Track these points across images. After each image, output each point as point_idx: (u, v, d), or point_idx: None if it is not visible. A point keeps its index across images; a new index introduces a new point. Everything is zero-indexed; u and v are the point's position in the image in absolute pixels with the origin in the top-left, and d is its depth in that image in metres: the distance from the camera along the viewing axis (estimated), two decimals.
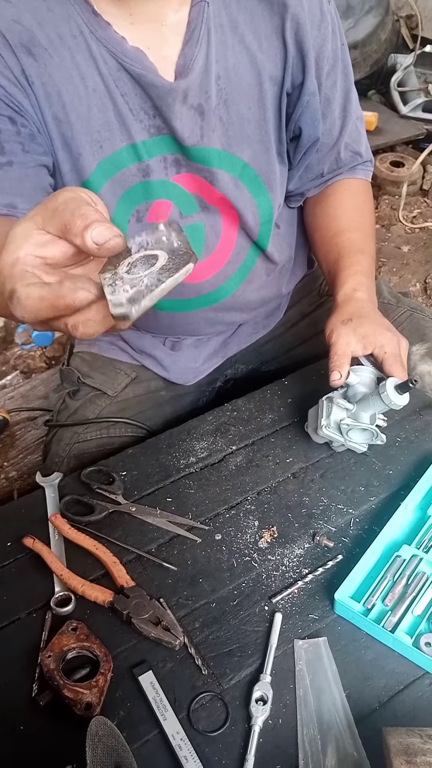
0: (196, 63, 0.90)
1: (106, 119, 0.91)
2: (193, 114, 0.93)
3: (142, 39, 0.89)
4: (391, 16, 3.20)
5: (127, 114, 0.92)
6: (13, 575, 0.84)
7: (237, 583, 0.82)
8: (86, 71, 0.89)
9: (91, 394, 1.17)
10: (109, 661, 0.73)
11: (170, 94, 0.90)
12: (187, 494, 0.93)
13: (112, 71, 0.89)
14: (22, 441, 1.57)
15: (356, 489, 0.93)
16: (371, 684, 0.73)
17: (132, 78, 0.89)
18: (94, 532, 0.87)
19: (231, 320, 1.19)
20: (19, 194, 0.89)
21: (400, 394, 0.87)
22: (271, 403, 1.08)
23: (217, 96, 0.93)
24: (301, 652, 0.75)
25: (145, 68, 0.89)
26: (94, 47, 0.88)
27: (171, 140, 0.94)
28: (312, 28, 0.94)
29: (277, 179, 1.05)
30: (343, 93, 1.04)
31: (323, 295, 1.30)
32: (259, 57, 0.93)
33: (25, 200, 0.89)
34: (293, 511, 0.91)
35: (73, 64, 0.88)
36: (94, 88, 0.90)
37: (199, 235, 1.04)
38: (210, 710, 0.71)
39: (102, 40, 0.88)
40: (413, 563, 0.82)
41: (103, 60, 0.88)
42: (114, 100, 0.91)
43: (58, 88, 0.88)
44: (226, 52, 0.92)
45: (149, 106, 0.92)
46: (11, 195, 0.88)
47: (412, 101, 3.21)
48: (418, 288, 2.60)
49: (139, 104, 0.91)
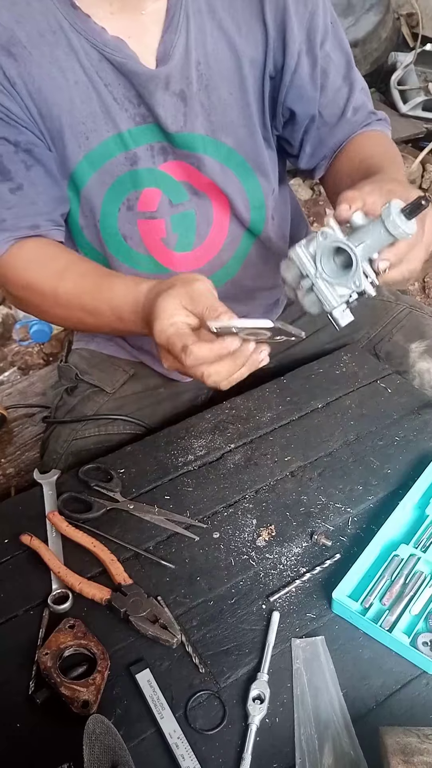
0: (176, 49, 0.91)
1: (91, 110, 0.93)
2: (176, 100, 0.93)
3: (123, 29, 0.90)
4: (391, 15, 3.19)
5: (111, 104, 0.93)
6: (11, 572, 0.84)
7: (234, 582, 0.82)
8: (67, 65, 0.90)
9: (89, 391, 1.17)
10: (106, 659, 0.73)
11: (152, 81, 0.91)
12: (185, 492, 0.93)
13: (93, 62, 0.90)
14: (20, 438, 1.57)
15: (354, 488, 0.93)
16: (368, 683, 0.73)
17: (114, 67, 0.91)
18: (92, 530, 0.87)
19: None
20: (37, 214, 0.96)
21: (408, 219, 0.70)
22: (270, 402, 1.08)
23: (197, 81, 0.94)
24: (299, 650, 0.75)
25: (126, 56, 0.90)
26: (75, 40, 0.89)
27: (156, 128, 0.95)
28: (299, 5, 0.93)
29: (267, 164, 1.05)
30: (341, 63, 1.02)
31: None
32: (237, 41, 0.93)
33: (45, 218, 0.97)
34: (291, 510, 0.91)
35: (53, 59, 0.89)
36: (76, 80, 0.91)
37: (191, 223, 1.04)
38: (207, 709, 0.71)
39: (82, 32, 0.89)
40: (411, 562, 0.82)
41: (84, 52, 0.90)
42: (98, 91, 0.92)
43: (38, 85, 0.90)
44: (205, 37, 0.93)
45: (133, 95, 0.93)
46: (32, 217, 0.95)
47: (412, 100, 3.20)
48: (417, 287, 2.60)
49: (123, 93, 0.93)
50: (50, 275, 0.94)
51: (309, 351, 1.25)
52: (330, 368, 1.14)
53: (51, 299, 0.95)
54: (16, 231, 0.95)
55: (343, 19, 3.12)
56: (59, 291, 0.93)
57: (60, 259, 0.96)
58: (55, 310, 0.97)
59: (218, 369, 0.73)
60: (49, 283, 0.94)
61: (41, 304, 0.98)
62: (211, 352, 0.72)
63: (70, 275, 0.93)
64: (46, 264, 0.96)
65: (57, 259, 0.96)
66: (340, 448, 0.99)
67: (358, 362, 1.15)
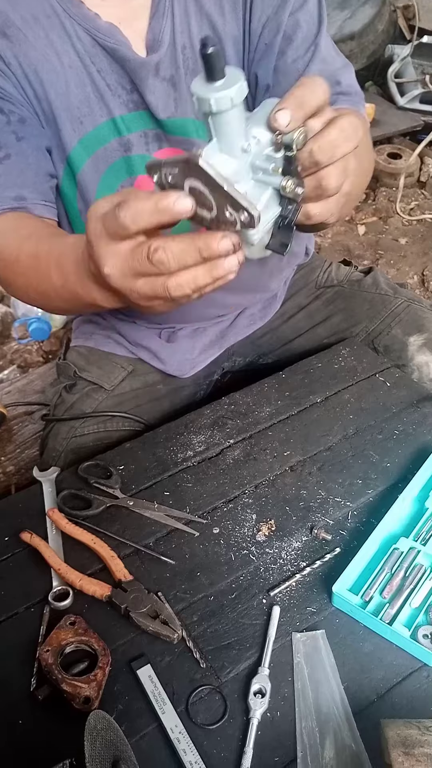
0: (164, 35, 0.92)
1: (85, 95, 0.93)
2: (166, 86, 0.94)
3: (114, 15, 0.90)
4: (388, 7, 3.18)
5: (104, 89, 0.93)
6: (11, 570, 0.84)
7: (235, 577, 0.82)
8: (61, 48, 0.90)
9: (87, 388, 1.16)
10: (107, 655, 0.73)
11: (143, 67, 0.91)
12: (185, 488, 0.93)
13: (87, 47, 0.91)
14: (19, 435, 1.57)
15: (354, 482, 0.93)
16: (369, 676, 0.73)
17: (107, 53, 0.91)
18: (92, 527, 0.87)
19: (224, 301, 1.18)
20: (24, 185, 0.92)
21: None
22: (269, 397, 1.07)
23: (184, 66, 0.94)
24: (299, 644, 0.75)
25: (119, 42, 0.90)
26: (68, 25, 0.90)
27: (149, 115, 0.96)
28: None
29: None
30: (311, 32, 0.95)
31: (320, 287, 1.30)
32: (219, 22, 0.93)
33: (31, 190, 0.92)
34: (291, 505, 0.91)
35: (48, 41, 0.90)
36: (70, 64, 0.91)
37: None
38: (208, 703, 0.71)
39: (75, 18, 0.89)
40: (411, 555, 0.82)
41: (78, 37, 0.90)
42: (91, 76, 0.92)
43: (34, 66, 0.90)
44: (189, 21, 0.93)
45: (126, 81, 0.93)
46: (17, 188, 0.91)
47: (410, 92, 3.19)
48: (416, 280, 2.60)
49: (116, 79, 0.93)
50: (14, 242, 0.88)
51: (307, 346, 1.26)
52: (328, 362, 1.14)
53: (12, 267, 0.88)
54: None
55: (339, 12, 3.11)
56: (21, 257, 0.86)
57: (27, 227, 0.90)
58: (17, 279, 0.89)
59: (173, 249, 0.56)
60: (9, 251, 0.88)
61: (6, 276, 0.91)
62: (148, 200, 0.55)
63: (31, 240, 0.87)
64: (15, 231, 0.90)
65: (25, 227, 0.90)
66: (339, 442, 0.99)
67: (357, 356, 1.15)
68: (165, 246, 0.56)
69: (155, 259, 0.57)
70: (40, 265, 0.82)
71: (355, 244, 2.77)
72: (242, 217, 0.56)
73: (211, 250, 0.56)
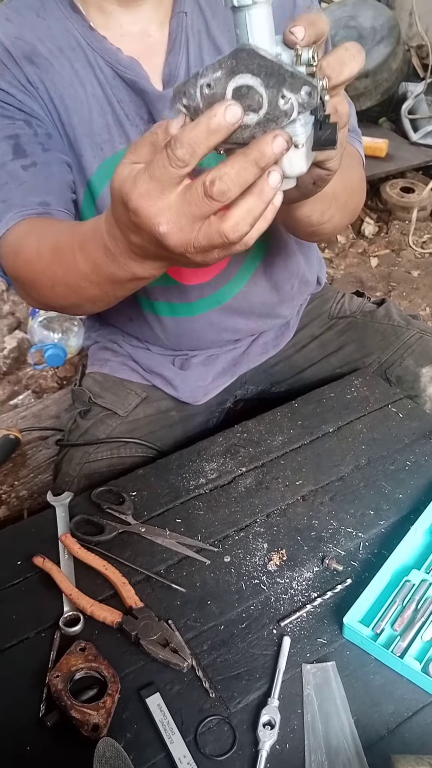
0: (179, 71, 0.96)
1: (106, 122, 0.97)
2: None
3: (134, 50, 0.95)
4: (402, 46, 3.25)
5: (124, 119, 0.98)
6: (23, 594, 0.84)
7: (245, 606, 0.82)
8: (85, 78, 0.95)
9: (101, 414, 1.18)
10: (116, 683, 0.72)
11: (160, 100, 0.95)
12: (197, 515, 0.94)
13: (108, 79, 0.96)
14: (34, 460, 1.58)
15: (366, 512, 0.93)
16: (380, 710, 0.72)
17: (127, 85, 0.96)
18: (104, 552, 0.87)
19: (236, 326, 1.20)
20: (49, 192, 0.94)
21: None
22: (281, 426, 1.08)
23: None
24: (309, 676, 0.75)
25: (138, 75, 0.95)
26: (91, 56, 0.95)
27: None
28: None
29: None
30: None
31: (333, 317, 1.31)
32: None
33: (55, 197, 0.94)
34: (302, 534, 0.91)
35: (73, 71, 0.95)
36: (93, 93, 0.96)
37: None
38: (217, 734, 0.71)
39: (98, 51, 0.95)
40: (423, 588, 0.81)
41: (100, 68, 0.95)
42: (112, 105, 0.97)
43: (60, 92, 0.95)
44: (203, 57, 0.97)
45: (144, 112, 0.98)
46: (43, 194, 0.93)
47: (423, 128, 3.25)
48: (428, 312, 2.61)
49: (135, 110, 0.97)
50: (34, 242, 0.87)
51: (320, 375, 1.26)
52: (341, 393, 1.14)
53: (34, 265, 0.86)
54: (24, 207, 0.90)
55: None
56: (42, 252, 0.84)
57: (48, 227, 0.89)
58: (41, 278, 0.86)
59: (229, 174, 0.53)
60: (30, 249, 0.87)
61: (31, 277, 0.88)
62: (198, 125, 0.53)
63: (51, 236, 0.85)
64: (36, 231, 0.89)
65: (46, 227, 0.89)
66: (351, 473, 1.00)
67: (369, 387, 1.15)
68: (219, 174, 0.53)
69: (215, 191, 0.53)
70: (64, 256, 0.79)
71: (368, 276, 2.79)
72: (302, 94, 0.54)
73: (266, 154, 0.53)
